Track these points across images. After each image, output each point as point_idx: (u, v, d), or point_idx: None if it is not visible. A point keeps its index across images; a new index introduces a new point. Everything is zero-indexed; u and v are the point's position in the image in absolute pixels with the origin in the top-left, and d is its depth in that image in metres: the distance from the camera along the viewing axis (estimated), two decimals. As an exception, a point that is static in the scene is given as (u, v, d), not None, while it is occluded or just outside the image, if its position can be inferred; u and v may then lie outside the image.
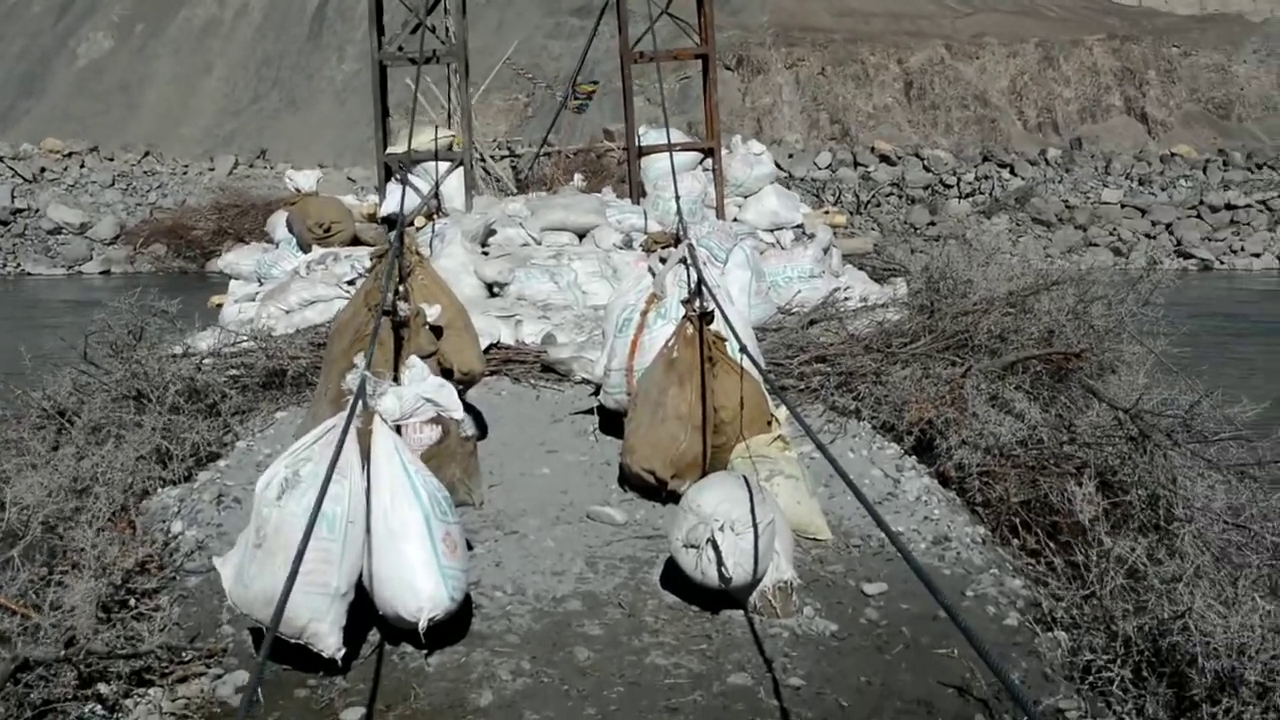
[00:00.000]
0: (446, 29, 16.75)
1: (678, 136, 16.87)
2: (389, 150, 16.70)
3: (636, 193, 16.59)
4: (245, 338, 12.79)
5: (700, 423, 8.89)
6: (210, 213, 41.86)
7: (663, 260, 10.62)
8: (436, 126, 16.78)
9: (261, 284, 15.59)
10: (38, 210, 44.92)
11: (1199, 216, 46.85)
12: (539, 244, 15.05)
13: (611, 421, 10.37)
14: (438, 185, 16.47)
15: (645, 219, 15.65)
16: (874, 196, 47.49)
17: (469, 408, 9.49)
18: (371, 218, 16.52)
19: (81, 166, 48.34)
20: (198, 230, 41.30)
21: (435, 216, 16.42)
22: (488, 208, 15.99)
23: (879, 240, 19.31)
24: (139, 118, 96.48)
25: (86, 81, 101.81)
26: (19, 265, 42.62)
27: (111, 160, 49.31)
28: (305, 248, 15.68)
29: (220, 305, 15.87)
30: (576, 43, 65.19)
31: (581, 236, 15.36)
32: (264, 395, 11.64)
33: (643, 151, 16.59)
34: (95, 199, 46.39)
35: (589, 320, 13.27)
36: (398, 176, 16.60)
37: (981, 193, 49.73)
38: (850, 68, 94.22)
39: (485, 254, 14.49)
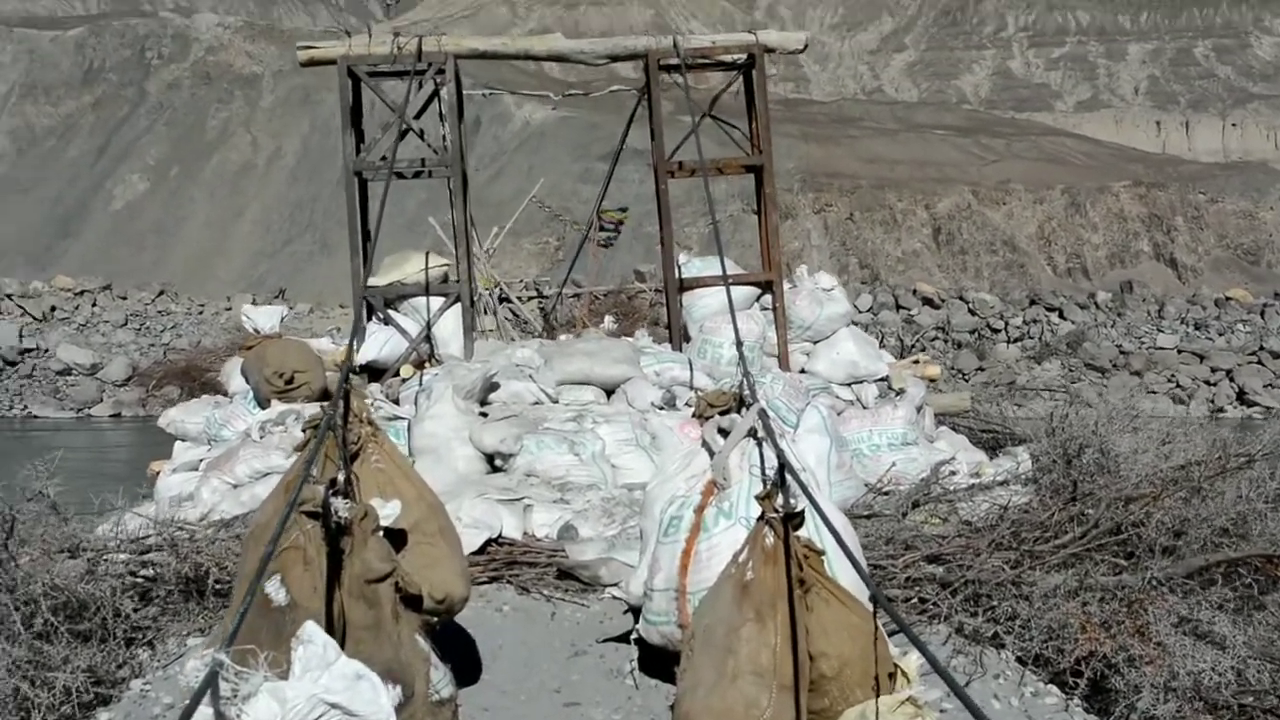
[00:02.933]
0: (443, 137, 13.14)
1: (727, 267, 13.26)
2: (369, 282, 13.06)
3: (679, 337, 12.92)
4: (150, 530, 9.14)
5: (791, 680, 5.92)
6: (225, 354, 38.48)
7: (723, 432, 7.48)
8: (427, 254, 13.14)
9: (212, 447, 12.00)
10: (46, 350, 42.00)
11: (1260, 362, 43.51)
12: (555, 402, 11.44)
13: (657, 658, 7.42)
14: (429, 326, 12.83)
15: (690, 370, 12.01)
16: (918, 341, 43.97)
17: (451, 634, 7.10)
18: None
19: (94, 305, 45.20)
20: (212, 372, 37.92)
21: (428, 364, 12.75)
22: (492, 354, 12.33)
23: (975, 395, 15.61)
24: (173, 259, 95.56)
25: (122, 223, 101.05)
26: (25, 407, 39.45)
27: (124, 299, 46.14)
28: (263, 403, 12.11)
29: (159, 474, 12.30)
30: (606, 185, 63.01)
31: (610, 393, 11.78)
32: (178, 611, 8.47)
33: (685, 285, 12.94)
34: (107, 339, 43.38)
35: (621, 505, 9.92)
36: (379, 316, 12.94)
37: (1030, 337, 46.60)
38: (878, 213, 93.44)
39: (484, 415, 10.80)
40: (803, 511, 5.92)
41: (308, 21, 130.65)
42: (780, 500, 6.00)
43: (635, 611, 7.65)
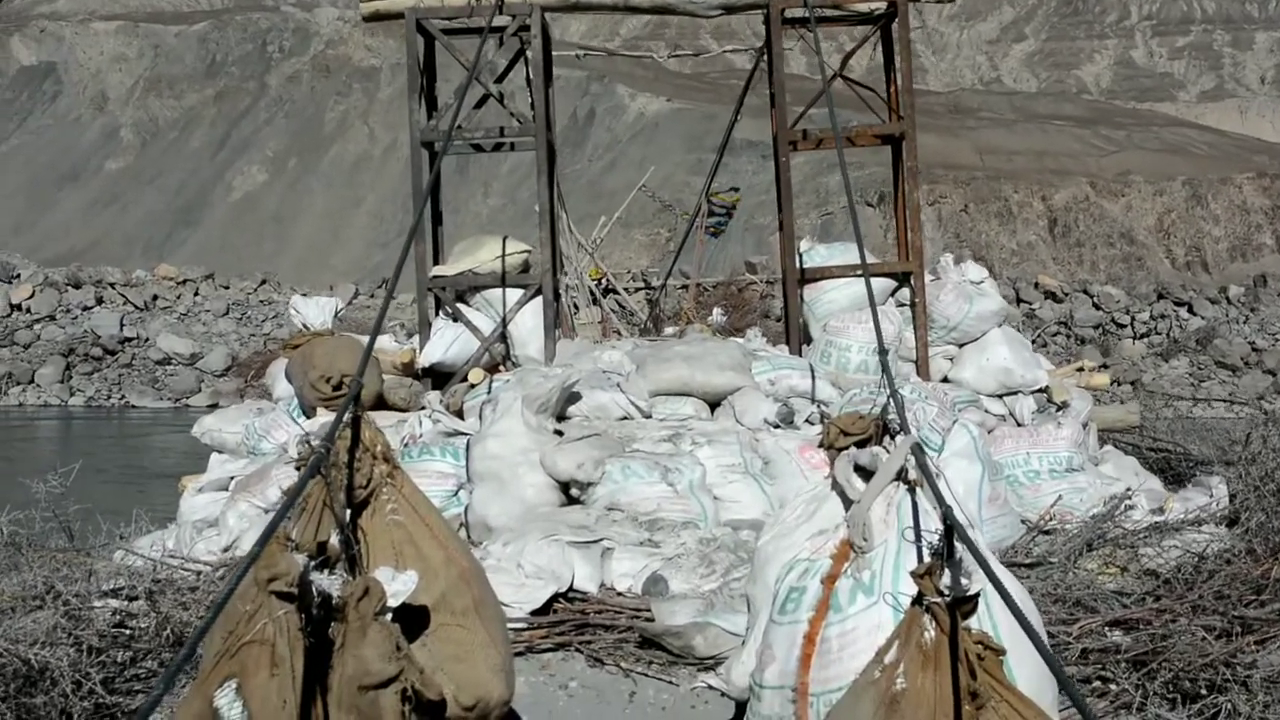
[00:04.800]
0: (530, 100, 11.04)
1: (852, 256, 10.98)
2: (435, 271, 10.97)
3: (797, 338, 10.69)
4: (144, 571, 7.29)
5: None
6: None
7: (861, 471, 5.41)
8: (505, 239, 11.01)
9: (251, 461, 10.11)
10: (147, 339, 40.73)
11: (1404, 360, 40.75)
12: (647, 417, 9.28)
13: (768, 767, 5.28)
14: (504, 322, 10.70)
15: (812, 378, 9.81)
16: (1039, 335, 41.38)
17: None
18: (409, 369, 10.74)
19: (196, 294, 43.78)
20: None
21: (503, 368, 10.67)
22: (576, 357, 10.22)
23: (1146, 407, 13.21)
24: (290, 249, 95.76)
25: (241, 214, 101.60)
26: (123, 397, 38.25)
27: (227, 288, 44.64)
28: (308, 411, 10.14)
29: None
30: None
31: (714, 406, 9.58)
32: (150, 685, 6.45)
33: (805, 277, 10.66)
34: (208, 328, 42.03)
35: (724, 550, 7.77)
36: (447, 310, 10.85)
37: (1158, 333, 43.90)
38: (993, 205, 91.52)
39: (560, 434, 8.67)
40: (977, 595, 4.14)
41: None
42: (946, 578, 4.19)
43: (740, 708, 5.63)
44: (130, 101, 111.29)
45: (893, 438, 5.90)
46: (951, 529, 4.27)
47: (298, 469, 5.06)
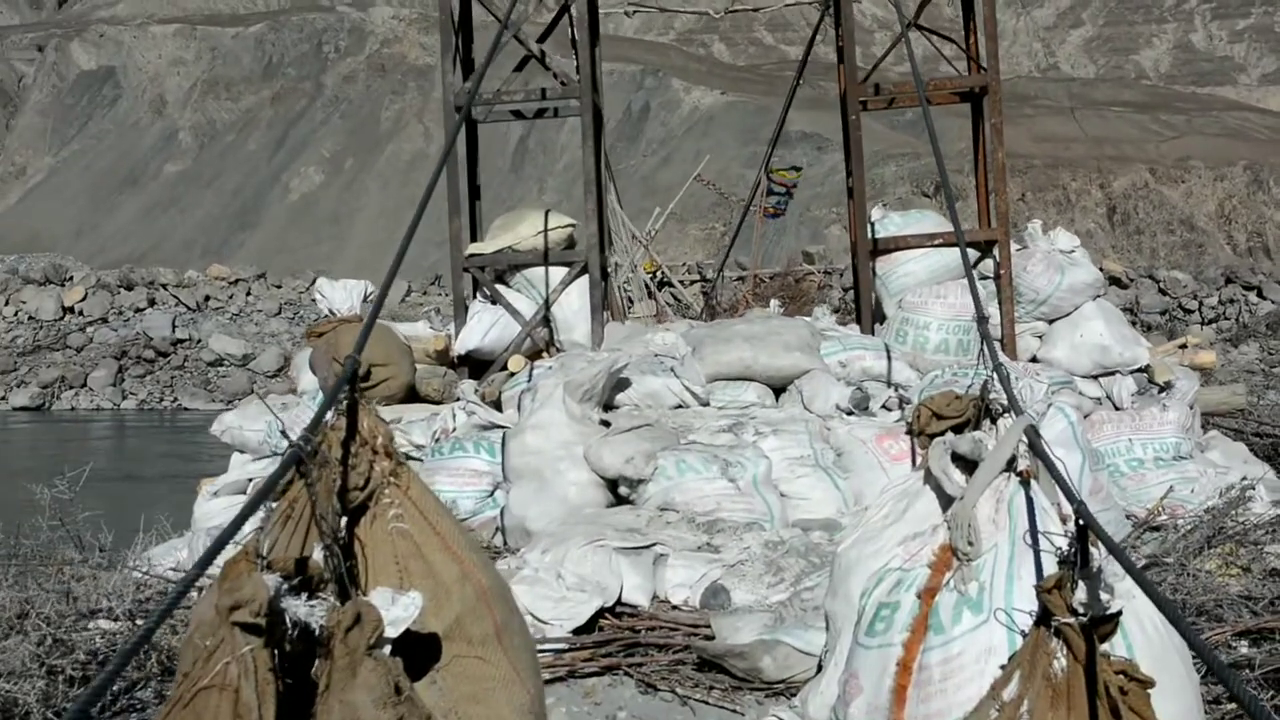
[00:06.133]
0: (575, 61, 10.00)
1: (930, 225, 9.88)
2: (471, 250, 9.95)
3: (869, 316, 9.58)
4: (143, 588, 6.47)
5: None
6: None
7: (962, 463, 4.53)
8: (547, 212, 9.96)
9: (275, 459, 9.07)
10: (199, 341, 40.09)
11: None
12: (705, 405, 8.21)
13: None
14: (547, 304, 9.66)
15: (888, 359, 8.72)
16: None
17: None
18: (443, 356, 9.71)
19: (248, 294, 43.03)
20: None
21: (546, 354, 9.63)
22: (626, 341, 9.17)
23: (1253, 388, 12.05)
24: (348, 248, 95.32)
25: (299, 215, 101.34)
26: (175, 399, 37.50)
27: (279, 288, 43.85)
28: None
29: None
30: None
31: (779, 392, 8.49)
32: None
33: (879, 247, 9.56)
34: (260, 328, 41.23)
35: (793, 554, 6.67)
36: (484, 292, 9.83)
37: (1226, 318, 42.39)
38: (1051, 193, 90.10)
39: (607, 424, 7.61)
40: (1119, 615, 3.27)
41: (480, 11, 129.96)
42: (1080, 593, 3.34)
43: None
44: (188, 104, 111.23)
45: (994, 421, 4.85)
46: (1085, 530, 3.31)
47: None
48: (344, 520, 4.05)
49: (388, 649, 3.47)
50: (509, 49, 10.60)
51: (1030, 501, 4.22)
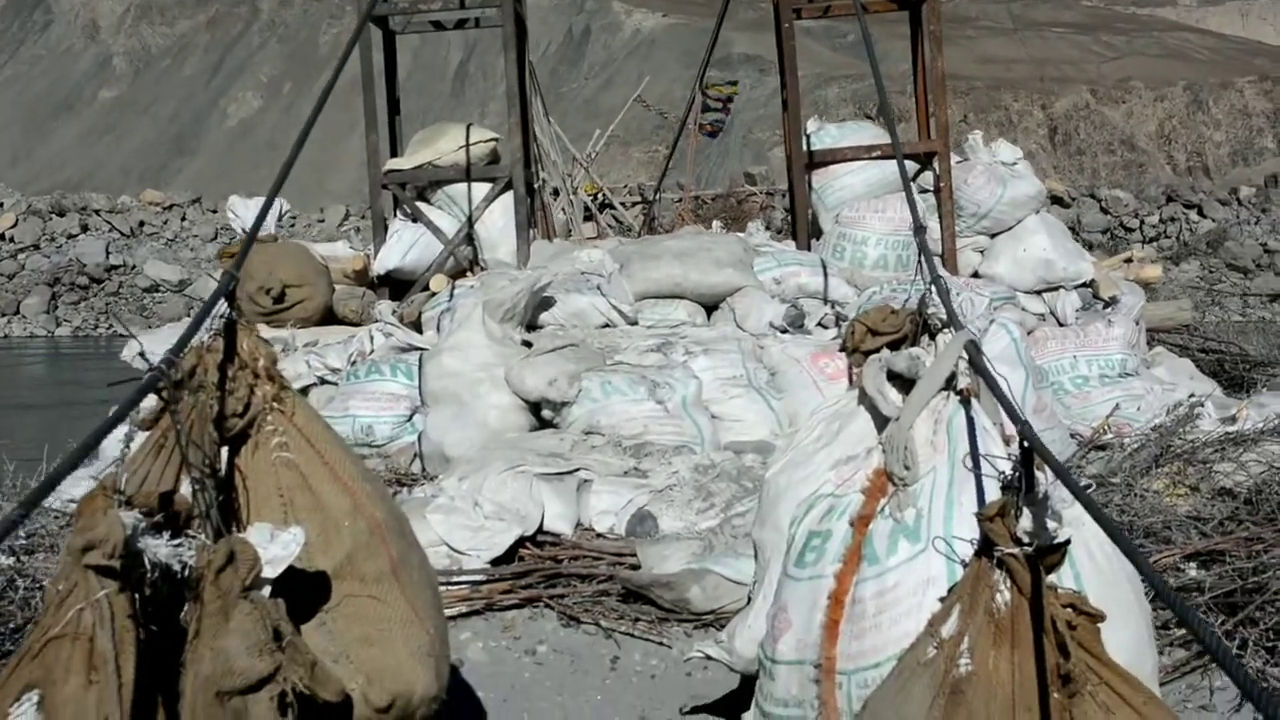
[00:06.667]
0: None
1: (867, 137, 9.48)
2: (390, 165, 9.49)
3: (805, 231, 9.21)
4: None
5: None
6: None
7: (896, 379, 4.22)
8: (469, 127, 9.49)
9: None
10: (134, 267, 39.30)
11: None
12: (633, 324, 7.83)
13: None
14: (470, 221, 9.22)
15: (824, 275, 8.36)
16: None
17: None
18: (362, 277, 9.27)
19: (183, 220, 42.26)
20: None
21: (470, 274, 9.21)
22: (554, 259, 8.76)
23: (1197, 304, 11.80)
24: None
25: (236, 140, 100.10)
26: (110, 326, 36.73)
27: (215, 212, 43.04)
28: (248, 329, 8.57)
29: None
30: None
31: (711, 310, 8.11)
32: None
33: (814, 160, 9.17)
34: (196, 254, 40.51)
35: (724, 479, 6.31)
36: (404, 209, 9.38)
37: (1167, 236, 42.37)
38: (993, 114, 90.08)
39: (529, 345, 7.21)
40: (1066, 544, 3.08)
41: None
42: (1025, 521, 3.09)
43: (748, 683, 4.37)
44: (122, 29, 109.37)
45: (932, 337, 4.51)
46: (1030, 453, 3.05)
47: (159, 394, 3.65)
48: (224, 450, 3.69)
49: (267, 590, 3.15)
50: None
51: (971, 422, 3.90)
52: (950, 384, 3.97)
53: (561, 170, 13.40)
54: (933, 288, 4.59)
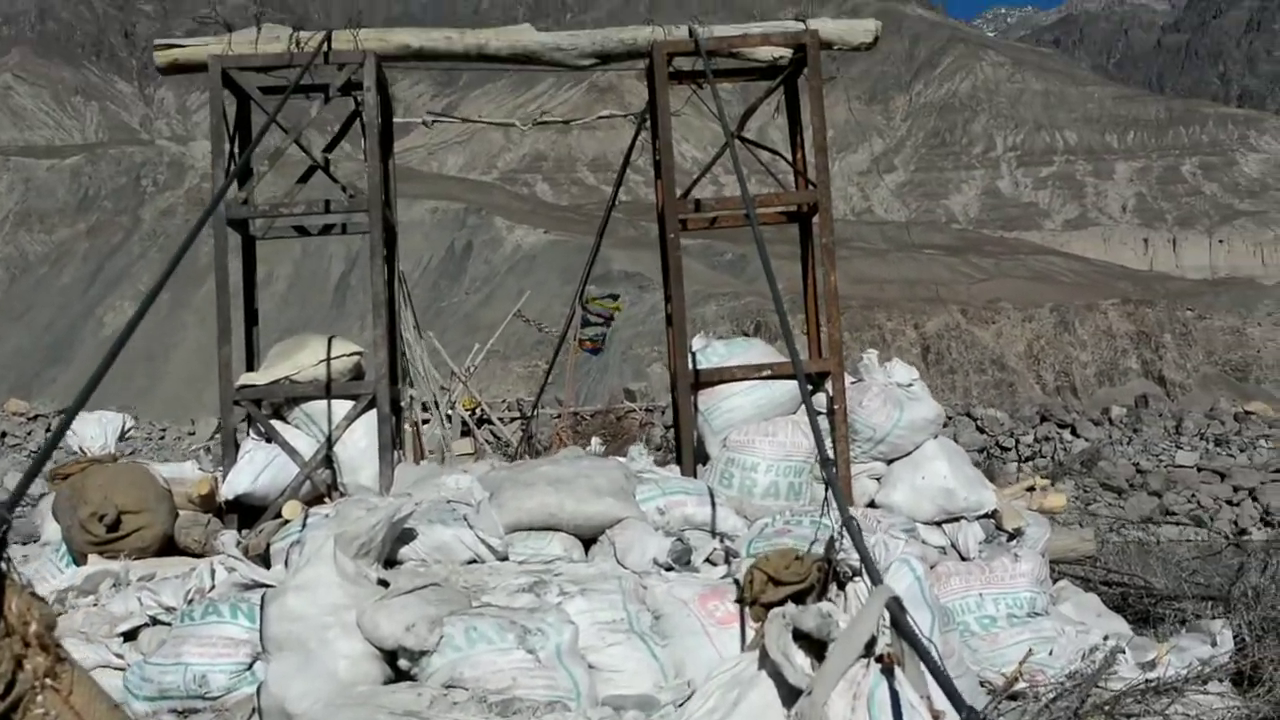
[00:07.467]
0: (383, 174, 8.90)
1: (756, 354, 8.87)
2: (243, 380, 8.73)
3: (691, 457, 8.53)
4: None
5: None
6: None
7: (806, 642, 3.51)
8: (330, 339, 8.76)
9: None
10: (-8, 480, 37.36)
11: (1285, 480, 39.56)
12: (503, 559, 7.05)
13: None
14: (329, 443, 8.44)
15: (712, 504, 7.66)
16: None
17: None
18: (209, 502, 8.40)
19: (47, 431, 40.66)
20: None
21: (328, 499, 8.40)
22: (419, 484, 7.99)
23: (1098, 535, 11.24)
24: (164, 384, 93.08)
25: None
26: (-35, 541, 34.76)
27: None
28: (77, 558, 7.82)
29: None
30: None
31: (589, 544, 7.35)
32: None
33: (701, 379, 8.54)
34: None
35: (605, 743, 5.37)
36: (257, 429, 8.59)
37: (1043, 456, 42.44)
38: (867, 333, 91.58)
39: (386, 585, 6.38)
40: None
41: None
42: None
43: None
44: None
45: (842, 587, 3.84)
46: None
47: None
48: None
49: None
50: (297, 161, 9.52)
51: (895, 697, 3.21)
52: (870, 650, 3.28)
53: (434, 386, 12.64)
54: (843, 528, 3.92)
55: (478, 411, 30.89)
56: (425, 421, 14.61)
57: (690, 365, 8.56)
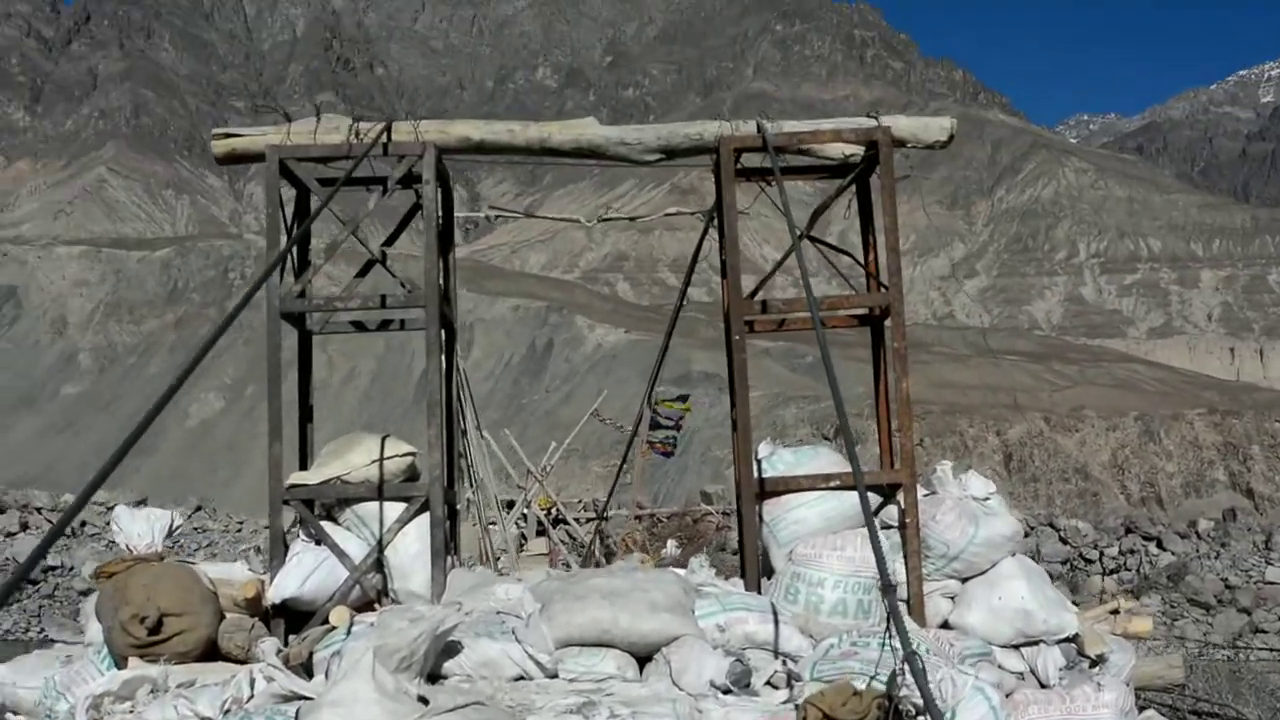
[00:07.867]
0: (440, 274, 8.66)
1: (825, 463, 8.46)
2: (293, 480, 8.46)
3: (755, 570, 8.13)
4: None
5: None
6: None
7: None
8: (384, 440, 8.47)
9: (50, 725, 7.51)
10: (72, 568, 37.75)
11: (1378, 599, 38.87)
12: (551, 676, 6.66)
13: None
14: (381, 547, 8.12)
15: (774, 623, 7.24)
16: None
17: None
18: (255, 605, 8.09)
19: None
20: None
21: (378, 606, 8.07)
22: (471, 593, 7.65)
23: (1186, 660, 10.72)
24: (244, 477, 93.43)
25: (197, 441, 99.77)
26: (42, 630, 35.01)
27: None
28: (118, 661, 7.51)
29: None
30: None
31: (644, 661, 6.93)
32: None
33: (766, 489, 8.14)
34: (138, 559, 38.88)
35: None
36: (308, 530, 8.30)
37: (1128, 569, 41.73)
38: (949, 439, 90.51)
39: (425, 702, 6.03)
40: None
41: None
42: None
43: None
44: (90, 326, 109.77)
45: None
46: None
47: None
48: None
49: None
50: (361, 255, 9.30)
51: None
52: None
53: (492, 489, 12.31)
54: (905, 665, 3.51)
55: (553, 511, 30.60)
56: (493, 523, 14.31)
57: (755, 473, 8.18)
